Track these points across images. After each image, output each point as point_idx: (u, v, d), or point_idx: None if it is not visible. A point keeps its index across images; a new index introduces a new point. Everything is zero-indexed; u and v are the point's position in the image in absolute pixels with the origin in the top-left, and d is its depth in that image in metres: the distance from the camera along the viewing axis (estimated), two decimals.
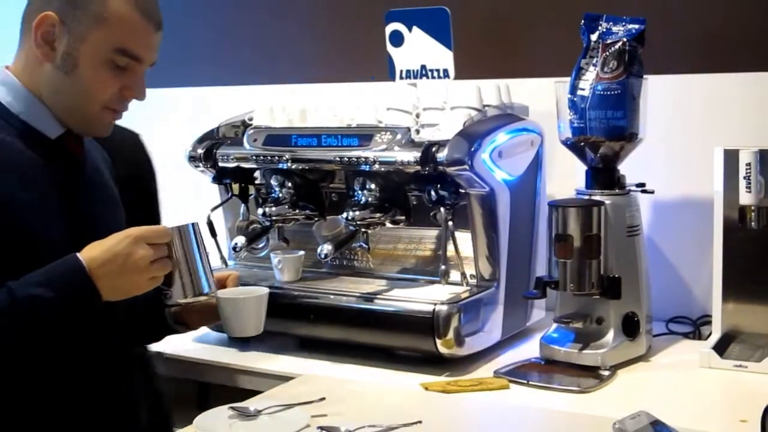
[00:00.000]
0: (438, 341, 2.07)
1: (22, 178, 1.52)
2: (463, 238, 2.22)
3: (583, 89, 2.13)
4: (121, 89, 1.59)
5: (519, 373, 2.06)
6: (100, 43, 1.54)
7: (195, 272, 1.63)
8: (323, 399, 1.77)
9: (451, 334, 2.08)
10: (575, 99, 2.14)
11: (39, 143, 1.57)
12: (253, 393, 2.04)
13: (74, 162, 1.64)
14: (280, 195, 2.40)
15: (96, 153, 1.75)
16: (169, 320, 1.87)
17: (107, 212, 1.71)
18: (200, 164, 2.49)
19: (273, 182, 2.41)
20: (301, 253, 2.38)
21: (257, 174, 2.50)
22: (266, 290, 1.93)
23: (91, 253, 1.47)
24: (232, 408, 1.71)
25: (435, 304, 2.09)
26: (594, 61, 2.14)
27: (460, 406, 1.91)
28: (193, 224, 1.63)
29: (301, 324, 2.27)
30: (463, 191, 2.18)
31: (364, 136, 2.25)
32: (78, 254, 1.48)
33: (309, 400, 1.76)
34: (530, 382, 2.01)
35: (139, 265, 1.48)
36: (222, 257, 2.50)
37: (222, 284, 1.88)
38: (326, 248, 2.18)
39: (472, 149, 2.11)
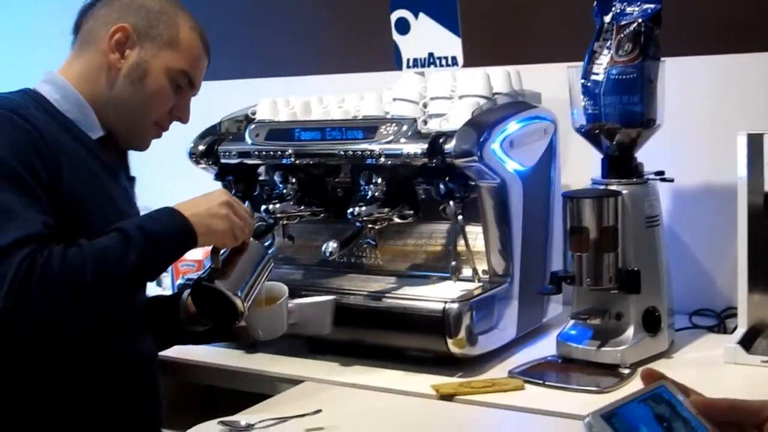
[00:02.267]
0: (449, 341, 1.99)
1: (69, 159, 1.59)
2: (475, 232, 2.14)
3: (596, 74, 2.04)
4: (171, 109, 1.75)
5: (534, 373, 1.97)
6: (170, 62, 1.70)
7: (248, 284, 1.73)
8: (319, 411, 1.68)
9: (462, 333, 1.99)
10: (589, 84, 2.05)
11: (80, 140, 1.66)
12: (259, 396, 1.98)
13: (110, 166, 1.72)
14: (284, 191, 2.32)
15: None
16: (184, 321, 1.83)
17: None
18: (201, 161, 2.42)
19: (276, 178, 2.34)
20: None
21: (261, 170, 2.42)
22: (286, 290, 1.89)
23: (183, 204, 1.64)
24: (222, 423, 1.62)
25: (446, 302, 2.00)
26: (608, 44, 2.05)
27: (468, 417, 1.81)
28: (270, 253, 1.83)
29: None
30: (473, 183, 2.09)
31: (368, 128, 2.17)
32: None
33: (304, 412, 1.68)
34: (546, 383, 1.92)
35: (224, 205, 1.64)
36: None
37: None
38: (331, 246, 2.09)
39: (482, 139, 2.03)
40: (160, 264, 1.59)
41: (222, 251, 1.71)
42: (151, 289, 2.07)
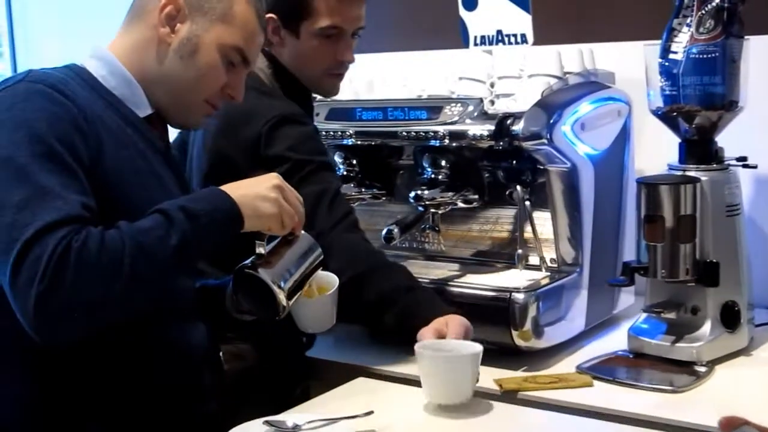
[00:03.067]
0: (514, 332, 1.91)
1: (113, 138, 1.52)
2: (542, 218, 2.06)
3: (675, 53, 1.93)
4: (224, 87, 1.65)
5: (604, 369, 1.88)
6: (222, 37, 1.61)
7: (293, 277, 1.60)
8: (371, 413, 1.59)
9: (528, 325, 1.91)
10: (667, 64, 1.94)
11: (127, 118, 1.58)
12: (316, 384, 1.93)
13: (158, 145, 1.64)
14: (345, 173, 2.26)
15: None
16: (231, 310, 1.74)
17: None
18: None
19: (337, 159, 2.27)
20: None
21: None
22: (336, 280, 1.74)
23: (229, 185, 1.54)
24: (267, 423, 1.53)
25: (511, 292, 1.92)
26: (688, 21, 1.93)
27: (532, 415, 1.72)
28: (322, 255, 1.66)
29: None
30: (541, 167, 2.01)
31: (432, 108, 2.09)
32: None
33: (355, 414, 1.58)
34: (616, 379, 1.82)
35: (275, 189, 1.54)
36: None
37: None
38: (392, 231, 2.02)
39: (552, 121, 1.94)
40: (204, 246, 1.49)
41: (268, 240, 1.62)
42: None
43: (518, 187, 2.03)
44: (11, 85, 1.48)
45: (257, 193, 1.53)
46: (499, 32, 2.21)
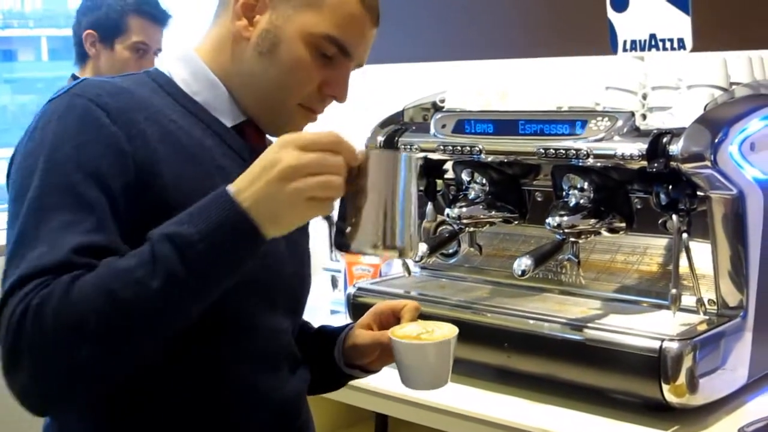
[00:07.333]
0: (665, 387, 1.67)
1: (181, 152, 1.30)
2: (701, 252, 1.81)
3: None
4: (321, 85, 1.39)
5: None
6: (307, 25, 1.36)
7: (390, 216, 1.22)
8: None
9: (682, 379, 1.67)
10: None
11: (212, 128, 1.37)
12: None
13: (246, 158, 1.36)
14: (473, 193, 2.06)
15: None
16: (339, 363, 1.52)
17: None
18: None
19: (464, 177, 2.08)
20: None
21: (447, 166, 2.15)
22: (455, 330, 1.42)
23: (238, 180, 1.18)
24: None
25: (663, 339, 1.69)
26: None
27: None
28: (406, 156, 1.24)
29: (492, 352, 1.91)
30: (702, 194, 1.77)
31: (575, 122, 1.87)
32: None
33: None
34: None
35: (286, 174, 1.15)
36: (404, 264, 2.17)
37: (395, 317, 1.48)
38: (524, 263, 1.80)
39: (716, 140, 1.71)
40: (205, 284, 1.16)
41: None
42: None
43: (674, 216, 1.79)
44: (58, 96, 1.28)
45: (267, 192, 1.16)
46: (652, 36, 2.02)
